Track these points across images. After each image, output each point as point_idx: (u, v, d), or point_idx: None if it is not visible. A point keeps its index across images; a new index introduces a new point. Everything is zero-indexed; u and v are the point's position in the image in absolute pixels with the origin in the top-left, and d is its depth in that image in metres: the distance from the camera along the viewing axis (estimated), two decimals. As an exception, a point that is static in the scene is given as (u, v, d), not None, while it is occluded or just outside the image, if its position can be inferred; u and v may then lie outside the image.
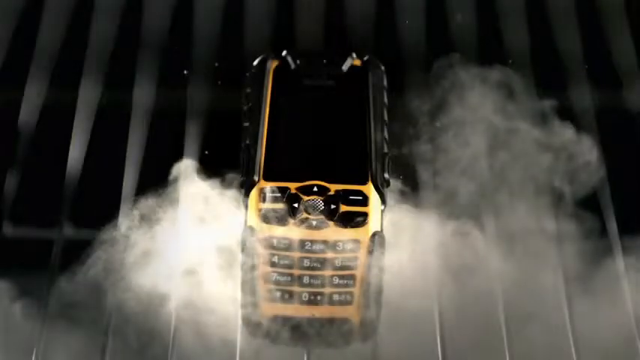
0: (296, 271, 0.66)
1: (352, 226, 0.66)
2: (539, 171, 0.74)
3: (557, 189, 0.74)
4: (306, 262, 0.66)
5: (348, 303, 0.66)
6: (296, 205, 0.66)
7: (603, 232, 0.73)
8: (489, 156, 0.74)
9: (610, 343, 0.69)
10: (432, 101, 0.76)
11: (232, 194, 0.69)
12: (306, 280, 0.66)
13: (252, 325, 0.66)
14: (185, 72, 0.80)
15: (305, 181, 0.67)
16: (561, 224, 0.73)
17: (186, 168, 0.71)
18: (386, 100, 0.72)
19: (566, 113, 0.76)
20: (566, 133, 0.75)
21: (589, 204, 0.74)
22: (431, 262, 0.69)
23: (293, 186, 0.67)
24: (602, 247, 0.73)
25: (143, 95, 0.80)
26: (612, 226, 0.74)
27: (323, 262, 0.66)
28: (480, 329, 0.69)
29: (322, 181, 0.67)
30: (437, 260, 0.69)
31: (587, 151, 0.75)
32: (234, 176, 0.70)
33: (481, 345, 0.69)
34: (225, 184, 0.70)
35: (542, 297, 0.70)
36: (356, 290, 0.66)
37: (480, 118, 0.75)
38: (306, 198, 0.67)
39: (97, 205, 0.73)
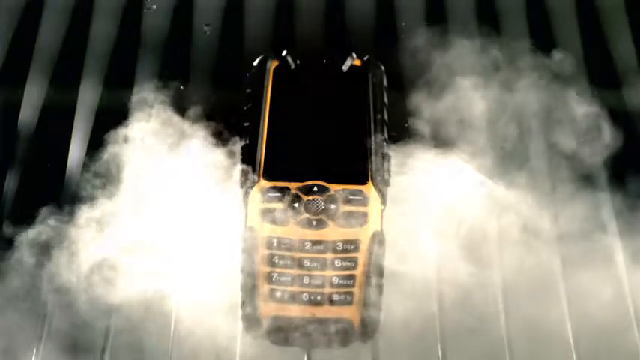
0: (296, 271, 0.66)
1: (352, 226, 0.66)
2: (537, 169, 0.74)
3: (555, 185, 0.74)
4: (306, 262, 0.66)
5: (348, 303, 0.66)
6: (296, 205, 0.66)
7: (603, 232, 0.73)
8: (487, 147, 0.75)
9: (605, 325, 0.69)
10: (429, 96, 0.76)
11: (233, 193, 0.69)
12: (306, 280, 0.66)
13: (252, 325, 0.66)
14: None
15: (305, 181, 0.67)
16: (561, 224, 0.73)
17: (186, 166, 0.72)
18: (386, 100, 0.72)
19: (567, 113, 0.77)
20: (565, 131, 0.75)
21: (588, 203, 0.74)
22: (430, 256, 0.70)
23: (293, 186, 0.67)
24: (601, 248, 0.73)
25: (142, 95, 0.80)
26: (612, 225, 0.74)
27: (323, 262, 0.66)
28: (481, 329, 0.69)
29: (322, 181, 0.67)
30: (436, 256, 0.70)
31: (587, 149, 0.75)
32: (234, 175, 0.70)
33: (482, 345, 0.69)
34: (226, 183, 0.70)
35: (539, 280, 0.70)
36: (356, 290, 0.66)
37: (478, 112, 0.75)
38: (306, 198, 0.67)
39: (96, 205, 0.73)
